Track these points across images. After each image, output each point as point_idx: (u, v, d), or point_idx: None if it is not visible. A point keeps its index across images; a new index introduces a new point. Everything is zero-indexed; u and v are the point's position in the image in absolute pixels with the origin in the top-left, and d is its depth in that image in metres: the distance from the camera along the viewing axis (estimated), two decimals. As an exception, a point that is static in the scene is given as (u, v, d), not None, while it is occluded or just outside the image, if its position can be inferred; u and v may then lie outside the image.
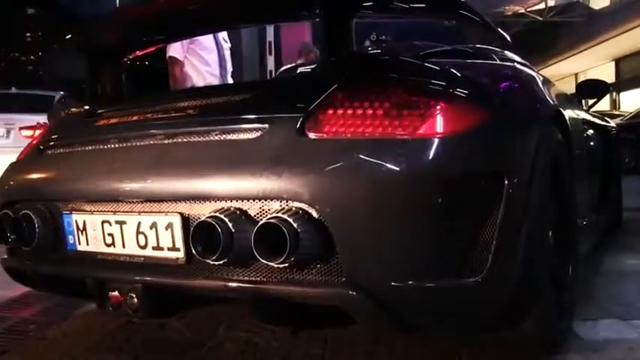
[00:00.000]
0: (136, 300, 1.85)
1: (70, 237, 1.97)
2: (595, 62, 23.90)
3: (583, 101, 3.89)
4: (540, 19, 22.75)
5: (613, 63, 23.52)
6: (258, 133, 1.69)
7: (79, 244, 1.95)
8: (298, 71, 3.02)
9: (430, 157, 1.54)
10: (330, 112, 1.65)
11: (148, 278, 1.82)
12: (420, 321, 1.69)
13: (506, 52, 3.19)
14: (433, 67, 1.86)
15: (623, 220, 4.66)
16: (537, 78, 2.36)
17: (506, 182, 1.63)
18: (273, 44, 9.73)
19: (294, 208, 1.53)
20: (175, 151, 1.82)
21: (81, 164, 2.05)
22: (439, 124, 1.57)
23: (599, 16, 21.30)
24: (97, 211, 1.89)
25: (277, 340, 2.43)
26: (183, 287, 1.78)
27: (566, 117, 2.35)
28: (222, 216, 1.56)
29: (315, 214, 1.53)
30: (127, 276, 1.87)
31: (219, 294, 1.82)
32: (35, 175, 2.16)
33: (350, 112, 1.63)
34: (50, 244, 2.01)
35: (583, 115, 3.15)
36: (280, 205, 1.57)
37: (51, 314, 2.84)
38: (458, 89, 1.70)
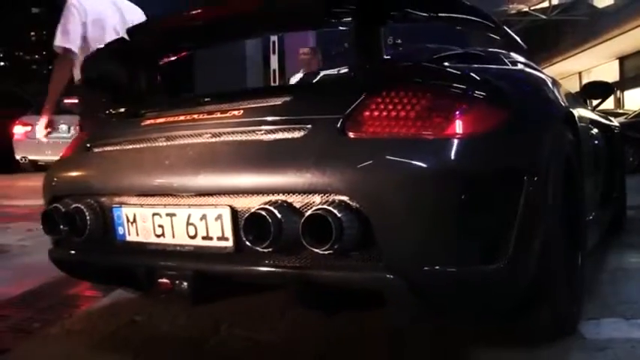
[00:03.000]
0: (185, 286, 1.96)
1: (120, 228, 2.11)
2: (599, 60, 23.85)
3: (588, 100, 3.90)
4: (544, 17, 22.75)
5: (617, 61, 23.46)
6: (303, 133, 1.83)
7: (129, 234, 2.09)
8: (326, 75, 3.21)
9: (456, 155, 1.70)
10: (367, 114, 1.80)
11: (198, 265, 1.95)
12: (445, 304, 1.84)
13: (512, 54, 3.30)
14: (458, 72, 2.05)
15: (626, 217, 4.64)
16: (548, 80, 2.47)
17: (525, 178, 1.81)
18: (277, 44, 9.72)
19: (337, 201, 1.69)
20: (224, 149, 1.96)
21: (131, 161, 2.18)
22: (464, 125, 1.73)
23: (602, 14, 21.27)
24: (148, 204, 2.04)
25: (280, 338, 2.44)
26: (233, 274, 1.94)
27: (576, 117, 2.49)
28: (271, 208, 1.71)
29: (356, 206, 1.68)
30: (177, 264, 2.00)
31: (266, 280, 1.95)
32: (84, 172, 2.31)
33: (385, 114, 1.78)
34: (100, 236, 2.15)
35: (589, 114, 3.26)
36: (324, 198, 1.71)
37: (54, 312, 2.84)
38: (480, 93, 1.86)
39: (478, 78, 1.98)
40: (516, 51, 3.30)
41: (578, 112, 2.68)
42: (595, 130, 3.27)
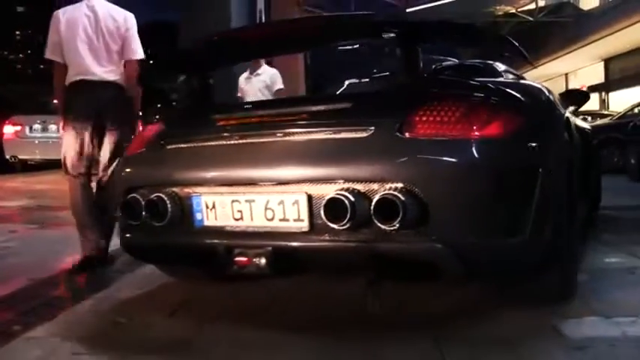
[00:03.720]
0: (263, 261, 2.31)
1: (198, 214, 2.48)
2: (584, 62, 24.00)
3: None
4: (531, 19, 22.83)
5: (602, 63, 23.60)
6: (368, 133, 2.26)
7: (207, 219, 2.46)
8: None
9: (488, 151, 2.19)
10: (419, 119, 2.24)
11: (276, 243, 2.31)
12: (480, 268, 2.29)
13: (499, 64, 3.95)
14: (487, 86, 2.62)
15: (598, 215, 5.04)
16: (546, 89, 2.86)
17: (540, 170, 2.29)
18: (263, 12, 9.34)
19: (399, 187, 2.13)
20: (300, 146, 2.37)
21: (213, 156, 2.55)
22: (493, 128, 2.22)
23: (588, 16, 21.37)
24: (228, 193, 2.41)
25: (263, 336, 2.46)
26: (307, 248, 2.29)
27: (570, 122, 3.04)
28: (346, 193, 2.12)
29: (414, 191, 2.12)
30: (255, 242, 2.34)
31: (338, 253, 2.27)
32: (161, 165, 2.66)
33: (433, 119, 2.23)
34: (178, 221, 2.50)
35: (574, 119, 3.68)
36: (388, 185, 2.14)
37: (37, 314, 2.83)
38: (505, 103, 2.38)
39: (502, 90, 2.53)
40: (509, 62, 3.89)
41: (569, 117, 3.13)
42: (578, 134, 3.57)
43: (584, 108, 4.40)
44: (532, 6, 22.70)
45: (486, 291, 3.01)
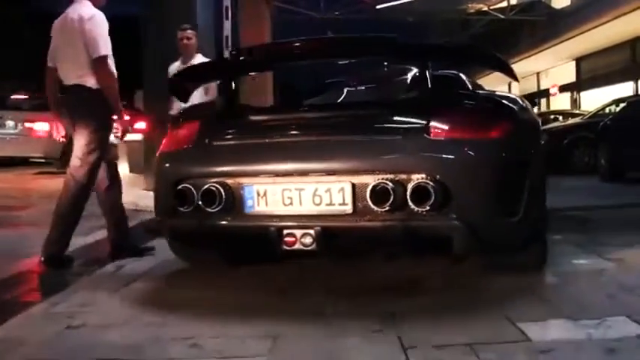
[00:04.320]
0: (309, 240, 2.84)
1: (249, 201, 2.97)
2: (556, 62, 24.23)
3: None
4: (502, 17, 22.99)
5: (574, 62, 23.88)
6: (400, 134, 2.97)
7: (258, 205, 2.96)
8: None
9: (491, 149, 2.92)
10: (437, 124, 2.90)
11: (323, 223, 2.85)
12: (488, 242, 2.89)
13: (461, 75, 4.85)
14: (488, 97, 3.59)
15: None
16: (521, 98, 3.65)
17: (529, 162, 3.07)
18: (230, 9, 9.04)
19: (429, 176, 2.75)
20: (345, 144, 2.98)
21: (265, 151, 3.06)
22: (493, 131, 2.95)
23: (560, 15, 21.55)
24: (279, 182, 2.93)
25: (220, 343, 2.43)
26: (350, 227, 2.89)
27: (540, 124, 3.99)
28: (388, 181, 2.75)
29: (440, 180, 2.75)
30: (304, 223, 2.87)
31: (376, 230, 2.86)
32: (212, 159, 3.14)
33: (449, 124, 2.90)
34: (229, 207, 2.98)
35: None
36: (419, 175, 2.77)
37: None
38: (501, 111, 3.22)
39: (499, 101, 3.43)
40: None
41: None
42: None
43: (555, 107, 4.53)
44: (504, 4, 22.85)
45: (453, 291, 3.08)
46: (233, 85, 3.61)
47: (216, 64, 4.67)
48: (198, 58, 5.93)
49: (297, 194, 2.89)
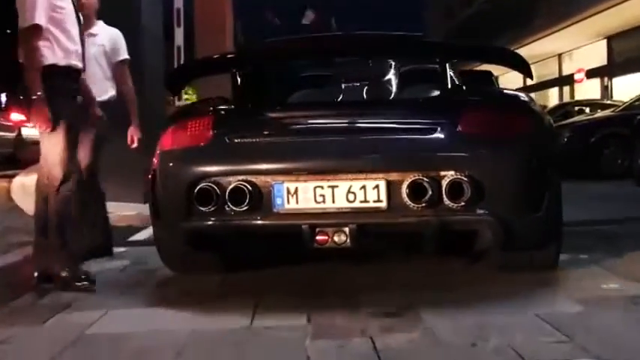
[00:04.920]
0: (343, 237, 3.45)
1: (278, 199, 3.47)
2: (582, 40, 24.07)
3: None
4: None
5: (604, 42, 23.75)
6: (434, 131, 3.52)
7: (288, 203, 3.47)
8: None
9: (523, 144, 3.60)
10: (467, 120, 3.53)
11: (357, 220, 3.44)
12: (513, 237, 3.51)
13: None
14: (511, 96, 4.48)
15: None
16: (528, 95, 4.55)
17: (551, 157, 3.77)
18: (182, 12, 9.13)
19: (464, 173, 3.34)
20: (379, 142, 3.54)
21: (295, 149, 3.60)
22: (520, 127, 3.65)
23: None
24: (311, 180, 3.45)
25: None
26: (384, 224, 3.55)
27: None
28: (424, 178, 3.32)
29: (474, 175, 3.34)
30: (337, 221, 3.45)
31: (410, 227, 3.57)
32: (236, 157, 3.60)
33: (477, 120, 3.54)
34: (257, 206, 3.47)
35: None
36: (455, 172, 3.35)
37: None
38: (524, 108, 3.95)
39: (522, 97, 4.26)
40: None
41: None
42: None
43: (581, 97, 4.64)
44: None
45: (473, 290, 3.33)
46: (246, 80, 4.26)
47: (228, 58, 5.26)
48: (102, 27, 5.29)
49: (329, 192, 3.44)
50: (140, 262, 4.66)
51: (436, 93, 4.42)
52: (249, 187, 3.42)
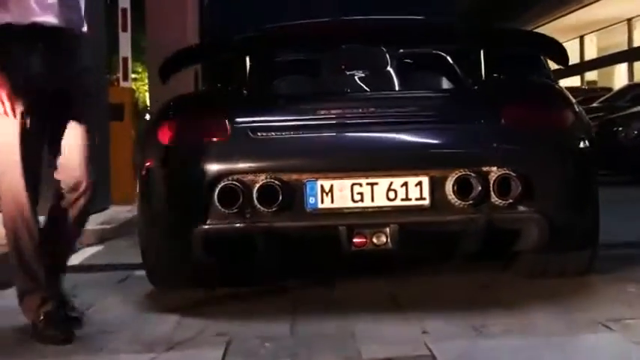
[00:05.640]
0: (383, 239, 3.39)
1: (311, 198, 3.39)
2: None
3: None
4: None
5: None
6: (479, 125, 3.58)
7: (322, 203, 3.39)
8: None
9: (569, 139, 3.66)
10: (511, 111, 3.55)
11: (399, 219, 3.39)
12: (558, 237, 3.50)
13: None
14: (553, 88, 4.80)
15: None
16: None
17: (591, 152, 3.80)
18: (129, 13, 8.69)
19: (512, 168, 3.35)
20: (421, 135, 3.56)
21: (332, 145, 3.54)
22: (563, 121, 3.65)
23: None
24: (347, 177, 3.40)
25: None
26: (428, 222, 3.47)
27: None
28: (471, 174, 3.31)
29: (522, 171, 3.36)
30: (376, 221, 3.42)
31: (455, 226, 3.48)
32: (264, 153, 3.51)
33: (521, 112, 3.56)
34: (288, 206, 3.37)
35: None
36: (503, 167, 3.35)
37: None
38: (567, 102, 3.86)
39: (561, 89, 4.44)
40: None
41: None
42: None
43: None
44: None
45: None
46: (258, 66, 4.53)
47: (238, 43, 4.95)
48: None
49: (368, 189, 3.32)
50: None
51: (475, 82, 4.43)
52: (280, 185, 3.29)
